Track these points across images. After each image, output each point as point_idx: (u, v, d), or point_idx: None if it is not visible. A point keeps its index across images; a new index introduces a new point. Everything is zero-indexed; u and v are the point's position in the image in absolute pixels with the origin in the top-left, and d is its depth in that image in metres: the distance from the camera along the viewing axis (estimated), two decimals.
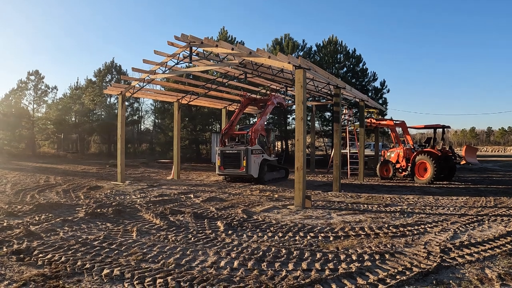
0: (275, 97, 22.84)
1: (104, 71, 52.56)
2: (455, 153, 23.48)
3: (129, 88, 20.01)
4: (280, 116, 40.73)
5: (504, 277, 6.33)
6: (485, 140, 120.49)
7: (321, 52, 40.60)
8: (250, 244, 8.11)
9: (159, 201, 13.77)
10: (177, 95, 23.41)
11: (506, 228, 10.05)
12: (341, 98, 20.22)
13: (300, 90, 13.40)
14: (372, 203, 14.14)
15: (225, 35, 40.07)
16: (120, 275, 6.07)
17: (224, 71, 20.85)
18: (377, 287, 5.87)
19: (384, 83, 41.91)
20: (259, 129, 21.03)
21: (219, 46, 15.19)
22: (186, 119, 40.32)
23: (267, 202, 14.04)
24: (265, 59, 14.46)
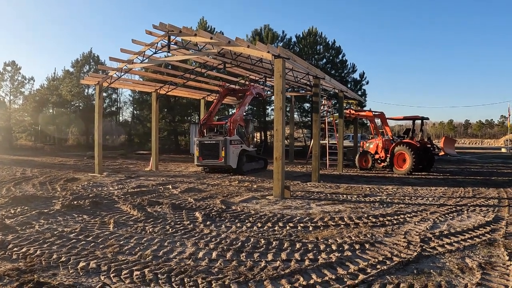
0: (254, 88, 22.76)
1: (82, 62, 51.83)
2: (433, 144, 23.65)
3: (106, 78, 19.75)
4: (259, 106, 40.68)
5: (485, 266, 6.34)
6: (462, 133, 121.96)
7: (300, 43, 40.63)
8: (229, 235, 8.03)
9: (137, 192, 13.63)
10: (155, 85, 23.20)
11: (485, 218, 10.11)
12: (320, 89, 20.19)
13: (279, 80, 13.33)
14: (351, 193, 14.15)
15: (205, 26, 39.84)
16: (96, 267, 5.95)
17: (203, 61, 20.68)
18: (357, 277, 5.83)
19: (364, 75, 42.19)
20: (237, 119, 20.94)
21: (198, 35, 15.06)
22: (165, 110, 40.10)
23: (246, 193, 13.98)
24: (244, 48, 14.37)
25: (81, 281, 5.44)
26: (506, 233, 8.57)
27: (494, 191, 15.27)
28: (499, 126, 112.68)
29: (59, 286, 5.20)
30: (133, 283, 5.41)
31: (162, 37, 16.30)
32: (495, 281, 5.77)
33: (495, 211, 11.19)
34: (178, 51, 17.61)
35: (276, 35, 40.04)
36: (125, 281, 5.48)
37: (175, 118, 41.62)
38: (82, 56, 52.16)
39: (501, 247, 7.47)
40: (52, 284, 5.26)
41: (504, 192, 15.01)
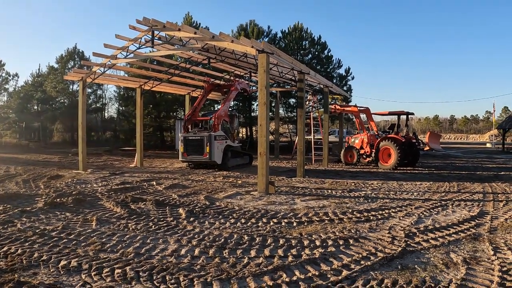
0: (239, 83, 22.71)
1: (66, 57, 51.22)
2: (418, 139, 23.79)
3: (90, 74, 19.56)
4: (244, 102, 40.58)
5: (470, 261, 6.35)
6: (448, 128, 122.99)
7: (286, 38, 40.56)
8: (212, 231, 7.99)
9: (121, 189, 13.52)
10: (140, 81, 23.03)
11: (470, 213, 10.16)
12: (305, 84, 20.16)
13: (263, 75, 13.29)
14: (336, 189, 14.16)
15: (190, 21, 39.61)
16: (77, 266, 5.88)
17: (187, 56, 20.58)
18: (341, 273, 5.82)
19: (349, 70, 42.24)
20: (222, 115, 20.88)
21: (182, 30, 14.96)
22: (150, 106, 39.87)
23: (230, 189, 13.93)
24: (228, 43, 14.29)
25: (61, 280, 5.37)
26: (491, 228, 8.62)
27: (479, 185, 15.36)
28: (484, 122, 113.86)
29: (40, 285, 5.14)
30: (114, 281, 5.35)
31: (146, 32, 16.16)
32: (480, 276, 5.78)
33: (480, 205, 11.26)
34: (162, 46, 17.51)
35: (261, 30, 39.92)
36: (106, 279, 5.43)
37: (161, 114, 41.42)
38: (67, 52, 51.57)
39: (486, 241, 7.51)
40: (33, 283, 5.19)
41: (489, 186, 15.10)
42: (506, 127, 44.06)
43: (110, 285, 5.23)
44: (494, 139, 64.87)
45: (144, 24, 15.55)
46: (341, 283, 5.44)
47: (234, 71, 24.22)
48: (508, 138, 57.04)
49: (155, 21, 15.21)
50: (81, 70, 20.78)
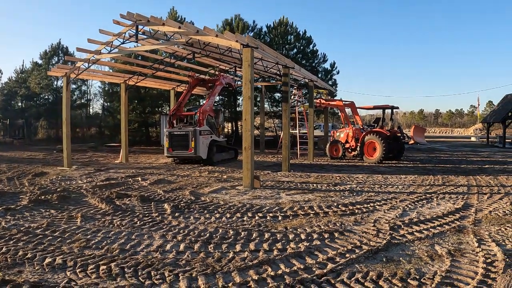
0: (223, 78, 22.68)
1: (50, 53, 50.61)
2: (403, 133, 23.91)
3: (73, 69, 19.41)
4: (229, 97, 40.51)
5: (454, 253, 6.41)
6: (433, 122, 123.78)
7: (271, 33, 40.51)
8: (197, 226, 7.99)
9: (106, 185, 13.44)
10: (124, 76, 22.89)
11: (455, 205, 10.25)
12: (290, 78, 20.16)
13: (247, 69, 13.28)
14: (322, 182, 14.20)
15: (175, 16, 39.41)
16: (62, 263, 5.83)
17: (171, 51, 20.49)
18: (326, 266, 5.85)
19: (334, 65, 42.30)
20: (207, 109, 20.86)
21: (166, 24, 14.88)
22: (135, 102, 39.64)
23: (215, 183, 13.94)
24: (212, 37, 14.26)
25: (46, 278, 5.32)
26: (475, 220, 8.70)
27: (464, 178, 15.50)
28: (469, 116, 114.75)
29: (25, 283, 5.09)
30: (99, 278, 5.32)
31: (130, 26, 16.05)
32: (464, 268, 5.83)
33: (464, 198, 11.37)
34: (147, 41, 17.41)
35: (246, 25, 39.80)
36: (91, 276, 5.40)
37: (146, 109, 41.20)
38: (51, 48, 51.02)
39: (470, 234, 7.57)
40: (18, 281, 5.14)
41: (473, 179, 15.24)
42: (491, 121, 44.37)
43: (95, 281, 5.20)
44: (478, 133, 65.52)
45: (128, 18, 15.45)
46: (326, 276, 5.46)
47: (219, 66, 24.17)
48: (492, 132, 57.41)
49: (139, 15, 15.12)
50: (65, 66, 20.63)
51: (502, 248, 6.65)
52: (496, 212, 9.57)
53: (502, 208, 10.02)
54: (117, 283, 5.15)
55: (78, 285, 5.05)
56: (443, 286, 5.17)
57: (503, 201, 10.97)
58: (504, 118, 39.75)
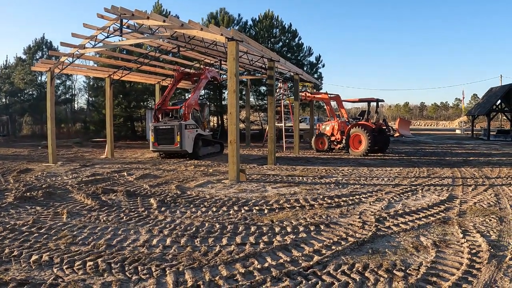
0: (208, 71, 22.62)
1: (34, 48, 50.11)
2: (389, 126, 24.04)
3: (58, 64, 19.23)
4: (215, 90, 40.46)
5: (439, 244, 6.47)
6: (418, 115, 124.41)
7: (256, 26, 40.45)
8: (183, 220, 7.99)
9: (92, 180, 13.36)
10: (109, 71, 22.76)
11: (440, 197, 10.34)
12: (276, 72, 20.18)
13: (232, 63, 13.28)
14: (307, 175, 14.26)
15: (159, 9, 39.19)
16: (49, 260, 5.80)
17: (156, 45, 20.39)
18: (312, 258, 5.88)
19: (320, 58, 42.37)
20: (192, 103, 20.82)
21: (151, 18, 14.81)
22: (120, 96, 39.40)
23: (201, 177, 13.93)
24: (197, 31, 14.22)
25: (33, 275, 5.29)
26: (460, 212, 8.78)
27: (448, 170, 15.62)
28: (454, 109, 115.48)
29: (11, 281, 5.05)
30: (86, 274, 5.31)
31: (114, 20, 15.94)
32: (449, 258, 5.90)
33: (449, 190, 11.47)
34: (131, 35, 17.29)
35: (232, 18, 39.69)
36: (78, 272, 5.38)
37: (131, 104, 40.96)
38: (35, 42, 50.52)
39: (455, 225, 7.65)
40: (4, 279, 5.10)
41: (458, 171, 15.36)
42: (475, 113, 44.79)
43: (82, 278, 5.18)
44: (463, 125, 66.08)
45: (112, 12, 15.35)
46: (312, 268, 5.49)
47: (204, 60, 24.12)
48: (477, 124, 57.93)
49: (124, 9, 15.03)
50: (49, 61, 20.42)
51: (486, 239, 6.73)
52: (480, 203, 9.67)
53: (486, 199, 10.13)
54: (104, 279, 5.15)
55: (65, 282, 5.03)
56: (428, 277, 5.22)
57: (487, 192, 11.08)
58: (488, 111, 40.14)
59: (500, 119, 56.29)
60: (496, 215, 8.42)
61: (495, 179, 13.51)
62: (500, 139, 38.26)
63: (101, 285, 4.96)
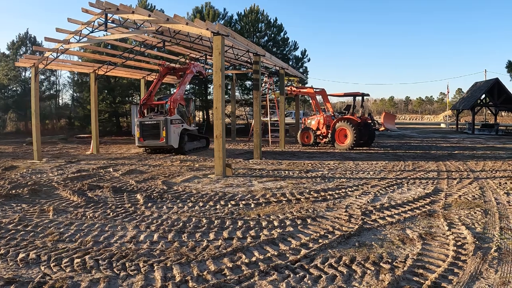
0: (194, 66, 22.56)
1: (18, 43, 49.56)
2: (374, 120, 24.16)
3: (42, 60, 19.06)
4: (200, 85, 40.34)
5: (425, 237, 6.55)
6: (403, 109, 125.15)
7: (242, 21, 40.33)
8: (170, 216, 8.00)
9: (77, 177, 13.29)
10: (94, 66, 22.61)
11: (425, 190, 10.44)
12: (261, 66, 20.18)
13: (218, 57, 13.27)
14: (293, 170, 14.30)
15: (145, 3, 38.91)
16: (36, 258, 5.76)
17: (141, 39, 20.28)
18: (299, 252, 5.92)
19: (305, 52, 42.34)
20: (178, 98, 20.76)
21: (136, 12, 14.73)
22: (105, 91, 39.16)
23: (187, 172, 13.93)
24: (182, 25, 14.17)
25: (21, 273, 5.25)
26: (445, 204, 8.88)
27: (433, 164, 15.75)
28: (439, 103, 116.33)
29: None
30: (74, 271, 5.29)
31: (99, 15, 15.82)
32: (435, 251, 5.97)
33: (434, 183, 11.58)
34: (116, 29, 17.17)
35: (217, 13, 39.53)
36: (65, 269, 5.36)
37: (116, 99, 40.70)
38: (18, 38, 50.02)
39: (440, 217, 7.73)
40: None
41: (443, 165, 15.49)
42: (460, 108, 45.10)
43: (70, 275, 5.16)
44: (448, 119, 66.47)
45: (97, 7, 15.23)
46: (300, 261, 5.53)
47: (189, 54, 24.06)
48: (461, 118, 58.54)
49: (108, 3, 14.93)
50: (33, 56, 20.25)
51: (471, 231, 6.81)
52: (465, 196, 9.78)
53: (471, 192, 10.24)
54: (92, 276, 5.13)
55: (53, 280, 5.00)
56: (415, 269, 5.28)
57: (472, 185, 11.20)
58: (473, 105, 40.43)
59: (484, 113, 56.77)
60: (481, 208, 8.52)
61: (479, 172, 13.65)
62: (484, 133, 38.61)
63: (89, 282, 4.95)
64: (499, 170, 14.15)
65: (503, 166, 15.13)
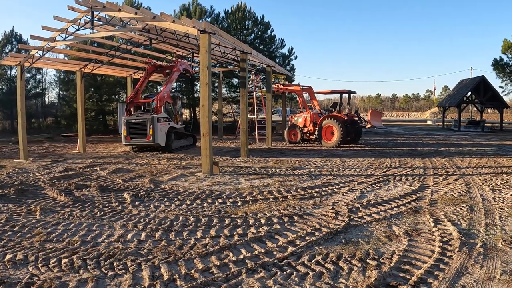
0: (181, 64, 22.53)
1: (3, 41, 49.18)
2: (361, 117, 24.27)
3: (28, 58, 18.92)
4: (187, 83, 40.26)
5: (411, 233, 6.61)
6: (390, 106, 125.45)
7: (229, 18, 40.28)
8: (158, 214, 8.00)
9: (64, 176, 13.21)
10: (80, 64, 22.47)
11: (411, 187, 10.52)
12: (248, 64, 20.20)
13: (204, 55, 13.28)
14: (280, 167, 14.33)
15: (131, 1, 38.64)
16: (23, 258, 5.73)
17: (128, 37, 20.18)
18: (287, 249, 5.96)
19: (292, 50, 42.46)
20: (165, 96, 20.73)
21: (122, 10, 14.68)
22: (92, 90, 38.95)
23: (174, 171, 13.92)
24: (169, 23, 14.15)
25: (8, 274, 5.23)
26: (431, 201, 8.96)
27: (420, 161, 15.85)
28: (425, 100, 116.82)
29: None
30: (61, 271, 5.28)
31: (85, 12, 15.72)
32: (421, 247, 6.03)
33: (420, 180, 11.66)
34: (103, 27, 17.09)
35: (204, 10, 39.46)
36: (53, 270, 5.34)
37: (102, 97, 40.46)
38: (4, 36, 49.53)
39: (426, 214, 7.80)
40: None
41: (429, 161, 15.60)
42: (446, 105, 45.39)
43: (58, 275, 5.16)
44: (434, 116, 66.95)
45: (83, 4, 15.16)
46: (287, 259, 5.57)
47: (176, 52, 23.98)
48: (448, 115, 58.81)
49: (95, 1, 14.84)
50: (18, 54, 20.09)
51: (457, 227, 6.89)
52: (451, 192, 9.88)
53: (457, 189, 10.35)
54: (80, 276, 5.13)
55: (41, 280, 4.99)
56: (401, 265, 5.34)
57: (458, 182, 11.30)
58: (459, 103, 40.73)
59: (470, 111, 57.16)
60: (466, 204, 8.61)
61: (465, 169, 13.77)
62: (470, 130, 38.88)
63: (77, 282, 4.95)
64: (484, 167, 14.29)
65: (489, 163, 15.28)
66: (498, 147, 21.63)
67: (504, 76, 42.53)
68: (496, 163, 15.30)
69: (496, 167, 14.18)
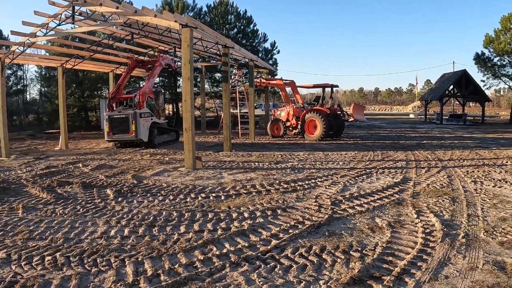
0: (163, 58, 22.45)
1: None
2: (343, 111, 24.39)
3: (8, 54, 18.69)
4: (169, 78, 40.13)
5: (394, 225, 6.68)
6: (373, 100, 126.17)
7: (211, 13, 40.18)
8: (141, 210, 8.00)
9: (46, 173, 13.10)
10: (61, 60, 22.27)
11: (394, 180, 10.62)
12: (231, 58, 20.17)
13: (186, 50, 13.25)
14: (263, 161, 14.37)
15: None
16: (6, 257, 5.69)
17: (110, 32, 20.03)
18: (270, 242, 6.00)
19: (275, 44, 42.47)
20: (147, 91, 20.65)
21: (103, 4, 14.54)
22: (73, 86, 38.66)
23: (157, 166, 13.89)
24: (151, 18, 14.08)
25: None
26: (414, 193, 9.06)
27: (402, 154, 15.99)
28: (408, 94, 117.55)
29: None
30: (45, 269, 5.25)
31: (66, 7, 15.56)
32: (404, 238, 6.11)
33: (403, 172, 11.78)
34: (84, 22, 16.93)
35: (186, 5, 39.28)
36: (36, 268, 5.31)
37: (84, 93, 40.17)
38: None
39: (409, 206, 7.89)
40: None
41: (411, 154, 15.74)
42: (428, 98, 45.83)
43: (41, 273, 5.12)
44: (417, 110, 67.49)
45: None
46: (270, 252, 5.61)
47: (158, 47, 23.88)
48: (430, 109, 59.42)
49: None
50: None
51: (440, 218, 6.98)
52: (433, 185, 10.00)
53: (439, 181, 10.47)
54: (64, 273, 5.11)
55: (24, 278, 4.96)
56: (384, 256, 5.40)
57: (440, 174, 11.44)
58: (441, 96, 41.11)
59: (452, 104, 57.61)
60: (448, 196, 8.73)
61: (447, 161, 13.93)
62: (452, 123, 39.30)
63: (60, 279, 4.93)
64: (466, 159, 14.45)
65: (471, 155, 15.46)
66: (479, 140, 21.90)
67: (486, 70, 42.92)
68: (478, 155, 15.48)
69: (478, 159, 14.35)
